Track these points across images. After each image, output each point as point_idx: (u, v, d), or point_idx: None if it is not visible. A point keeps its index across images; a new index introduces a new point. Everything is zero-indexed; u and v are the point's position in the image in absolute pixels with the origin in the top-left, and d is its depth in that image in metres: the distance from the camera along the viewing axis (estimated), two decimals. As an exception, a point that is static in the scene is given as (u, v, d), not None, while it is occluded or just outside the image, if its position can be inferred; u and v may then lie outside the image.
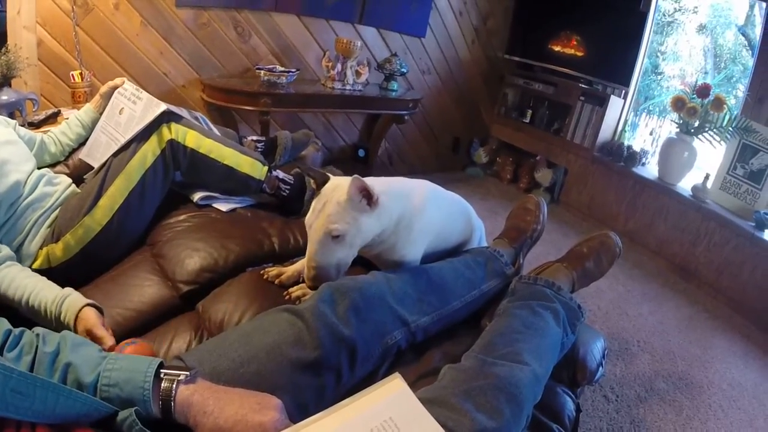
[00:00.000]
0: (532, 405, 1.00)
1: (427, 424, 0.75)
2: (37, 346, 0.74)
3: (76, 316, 1.03)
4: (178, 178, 1.58)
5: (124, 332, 1.16)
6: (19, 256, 1.30)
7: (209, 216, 1.56)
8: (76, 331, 1.02)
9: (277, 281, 1.29)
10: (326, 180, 1.21)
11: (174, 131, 1.48)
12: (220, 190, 1.65)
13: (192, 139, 1.50)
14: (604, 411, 1.80)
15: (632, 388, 1.94)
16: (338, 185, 1.15)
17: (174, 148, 1.48)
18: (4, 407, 0.58)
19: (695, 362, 2.18)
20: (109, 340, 0.99)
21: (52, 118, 1.92)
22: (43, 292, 1.07)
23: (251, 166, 1.59)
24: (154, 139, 1.46)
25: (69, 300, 1.06)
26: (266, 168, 1.62)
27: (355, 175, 1.10)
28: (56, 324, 1.05)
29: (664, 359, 2.16)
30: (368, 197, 1.13)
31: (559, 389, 1.18)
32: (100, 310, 1.08)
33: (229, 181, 1.59)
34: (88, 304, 1.06)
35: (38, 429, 0.61)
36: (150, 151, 1.45)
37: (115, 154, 1.45)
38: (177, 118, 1.51)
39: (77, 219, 1.36)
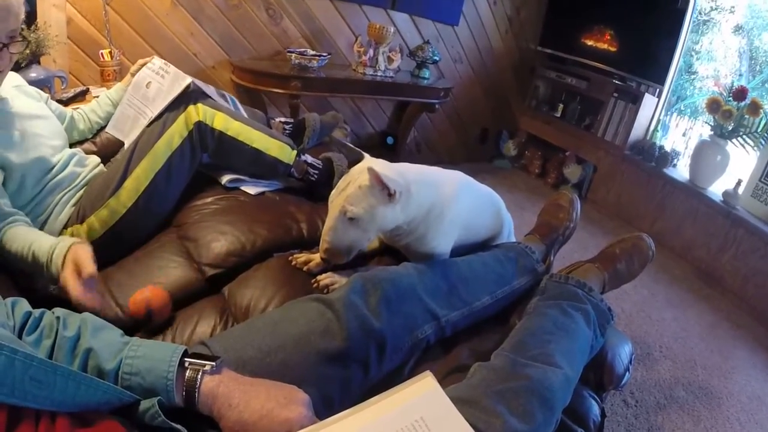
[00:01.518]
0: (562, 409, 0.97)
1: (459, 425, 0.73)
2: (57, 330, 0.72)
3: (65, 256, 1.01)
4: (206, 159, 1.57)
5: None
6: None
7: (237, 199, 1.54)
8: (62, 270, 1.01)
9: (305, 268, 1.28)
10: (360, 159, 1.19)
11: (202, 113, 1.45)
12: (248, 174, 1.63)
13: (220, 121, 1.48)
14: (623, 416, 1.78)
15: (652, 394, 1.91)
16: (365, 169, 1.12)
17: (201, 129, 1.46)
18: (22, 396, 0.56)
19: (715, 372, 2.14)
20: (89, 269, 0.98)
21: (81, 96, 1.92)
22: (43, 242, 1.05)
23: (280, 149, 1.57)
24: (181, 120, 1.44)
25: (62, 243, 1.04)
26: (295, 152, 1.60)
27: (370, 166, 1.07)
28: (47, 270, 1.03)
29: (685, 367, 2.13)
30: (387, 189, 1.10)
31: (585, 393, 1.16)
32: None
33: (257, 165, 1.57)
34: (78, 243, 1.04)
35: (58, 418, 0.60)
36: (177, 132, 1.43)
37: (141, 134, 1.44)
38: (204, 98, 1.49)
39: (102, 200, 1.35)
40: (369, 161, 1.18)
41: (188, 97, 1.48)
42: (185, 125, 1.44)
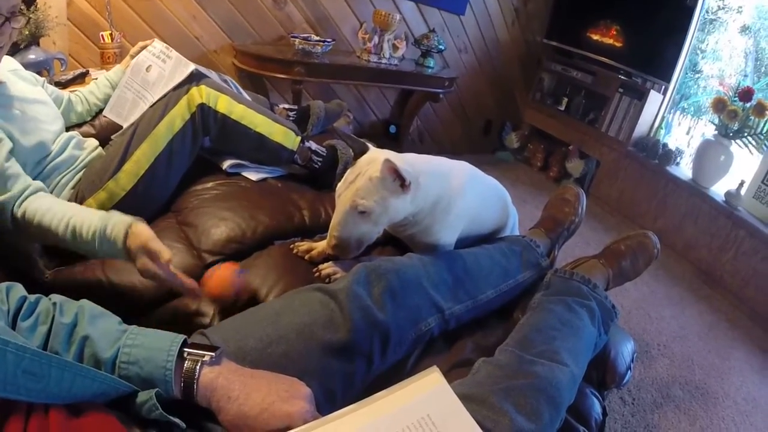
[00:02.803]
0: (567, 407, 0.96)
1: (466, 423, 0.71)
2: (53, 316, 0.70)
3: (127, 232, 0.96)
4: (207, 143, 1.54)
5: (144, 301, 1.14)
6: None
7: (238, 185, 1.52)
8: (124, 248, 0.96)
9: (306, 257, 1.26)
10: (365, 150, 1.17)
11: (205, 95, 1.42)
12: (250, 159, 1.60)
13: (224, 104, 1.44)
14: (620, 413, 1.77)
15: (649, 392, 1.91)
16: (374, 159, 1.10)
17: (204, 112, 1.42)
18: (15, 390, 0.54)
19: (713, 372, 2.14)
20: (167, 254, 0.93)
21: (80, 79, 1.89)
22: (87, 213, 1.01)
23: (284, 135, 1.54)
24: (183, 102, 1.40)
25: (117, 217, 0.99)
26: (299, 138, 1.57)
27: (387, 158, 1.05)
28: (99, 242, 0.97)
29: (683, 366, 2.12)
30: (401, 180, 1.08)
31: (588, 391, 1.15)
32: None
33: (260, 150, 1.54)
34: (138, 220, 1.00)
35: (51, 411, 0.57)
36: (179, 115, 1.40)
37: (142, 116, 1.41)
38: (207, 81, 1.46)
39: (100, 183, 1.32)
40: (374, 152, 1.15)
41: (190, 78, 1.45)
42: (188, 108, 1.41)
